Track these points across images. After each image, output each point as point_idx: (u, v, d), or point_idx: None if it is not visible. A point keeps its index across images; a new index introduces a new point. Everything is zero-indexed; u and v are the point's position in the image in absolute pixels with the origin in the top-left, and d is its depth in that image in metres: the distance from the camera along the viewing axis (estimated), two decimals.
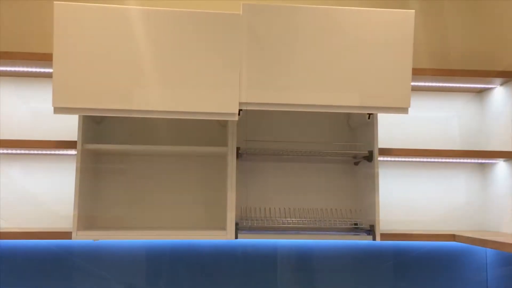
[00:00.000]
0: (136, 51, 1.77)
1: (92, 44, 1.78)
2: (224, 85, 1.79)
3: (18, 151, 2.22)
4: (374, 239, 2.11)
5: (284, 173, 2.39)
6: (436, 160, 2.32)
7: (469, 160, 2.34)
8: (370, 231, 2.13)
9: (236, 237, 2.06)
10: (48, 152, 2.22)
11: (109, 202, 2.29)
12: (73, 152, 2.19)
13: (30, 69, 2.20)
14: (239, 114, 1.87)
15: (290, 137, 2.39)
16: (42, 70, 2.21)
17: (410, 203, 2.46)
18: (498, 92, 2.41)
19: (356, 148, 2.30)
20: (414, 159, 2.31)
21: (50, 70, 2.23)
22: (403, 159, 2.33)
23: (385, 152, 2.18)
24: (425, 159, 2.29)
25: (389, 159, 2.32)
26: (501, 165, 2.36)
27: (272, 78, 1.83)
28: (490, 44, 2.51)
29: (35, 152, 2.23)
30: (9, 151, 2.22)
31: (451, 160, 2.32)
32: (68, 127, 2.34)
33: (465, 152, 2.24)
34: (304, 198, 2.38)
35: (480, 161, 2.37)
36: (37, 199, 2.28)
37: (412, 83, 2.07)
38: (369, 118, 2.18)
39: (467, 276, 2.42)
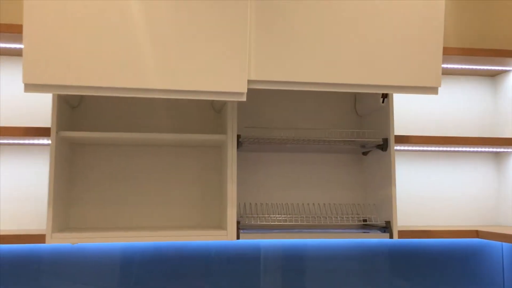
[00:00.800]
0: (126, 17, 1.48)
1: (72, 7, 1.48)
2: (231, 60, 1.52)
3: None
4: (391, 236, 1.89)
5: (286, 164, 2.14)
6: (454, 149, 2.11)
7: (487, 149, 2.15)
8: (386, 228, 1.91)
9: (238, 238, 1.80)
10: (17, 141, 1.91)
11: (90, 199, 2.00)
12: (46, 141, 1.89)
13: None
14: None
15: (292, 125, 2.15)
16: (9, 45, 1.91)
17: (420, 196, 2.25)
18: None
19: (365, 135, 2.07)
20: (433, 148, 2.10)
21: (20, 46, 1.92)
22: (420, 148, 2.11)
23: (402, 139, 1.96)
24: (445, 148, 2.08)
25: (405, 148, 2.10)
26: None
27: (286, 53, 1.57)
28: (507, 25, 2.33)
29: (0, 141, 1.92)
30: None
31: (467, 148, 2.12)
32: (40, 113, 2.03)
33: (494, 139, 2.03)
34: (309, 192, 2.14)
35: (498, 149, 2.17)
36: (3, 197, 1.97)
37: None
38: (383, 102, 1.96)
39: (482, 273, 2.23)
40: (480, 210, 2.28)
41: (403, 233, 1.91)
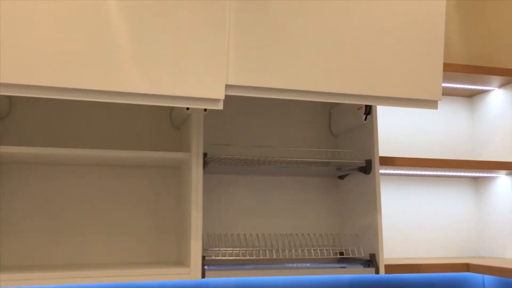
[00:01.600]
0: (97, 16, 1.18)
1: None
2: (208, 63, 1.24)
3: None
4: (377, 272, 1.65)
5: (253, 189, 1.88)
6: (440, 173, 1.93)
7: (471, 174, 1.99)
8: (371, 261, 1.68)
9: (203, 276, 1.50)
10: None
11: (16, 230, 1.63)
12: None
13: None
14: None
15: (260, 144, 1.90)
16: None
17: (393, 224, 2.05)
18: (496, 96, 2.10)
19: (344, 156, 1.85)
20: (417, 172, 1.90)
21: None
22: (401, 172, 1.91)
23: (386, 161, 1.75)
24: (431, 172, 1.89)
25: (386, 171, 1.90)
26: (502, 179, 2.04)
27: (268, 57, 1.32)
28: (488, 43, 2.22)
29: None
30: None
31: (454, 173, 1.95)
32: None
33: (492, 163, 1.87)
34: (280, 220, 1.88)
35: (480, 174, 2.02)
36: None
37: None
38: (365, 119, 1.75)
39: None
40: (461, 240, 2.11)
41: (390, 268, 1.68)
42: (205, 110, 1.59)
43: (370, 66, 1.41)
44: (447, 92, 2.14)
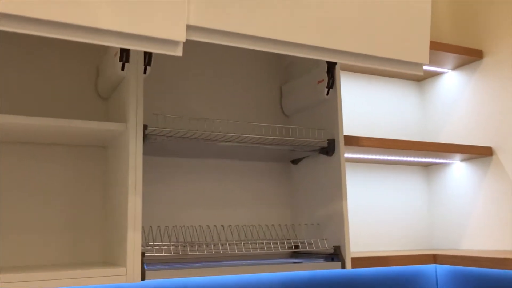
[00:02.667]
0: None
1: None
2: None
3: None
4: (343, 266, 1.44)
5: (195, 174, 1.59)
6: (395, 158, 1.77)
7: (428, 159, 1.86)
8: (336, 255, 1.46)
9: (143, 278, 1.19)
10: None
11: None
12: None
13: None
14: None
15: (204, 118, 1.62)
16: None
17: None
18: (449, 79, 1.99)
19: (302, 135, 1.63)
20: (375, 157, 1.72)
21: None
22: (359, 156, 1.73)
23: (351, 141, 1.55)
24: (391, 157, 1.72)
25: (350, 155, 1.70)
26: (457, 165, 1.93)
27: None
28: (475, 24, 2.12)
29: None
30: None
31: (407, 158, 1.80)
32: None
33: (457, 146, 1.73)
34: (230, 210, 1.61)
35: (436, 160, 1.90)
36: None
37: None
38: (327, 93, 1.54)
39: None
40: (414, 232, 1.97)
41: (356, 262, 1.48)
42: (145, 72, 1.29)
43: (356, 20, 1.19)
44: (396, 74, 2.01)
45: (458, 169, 1.92)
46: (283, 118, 1.76)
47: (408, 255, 1.56)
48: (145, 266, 1.21)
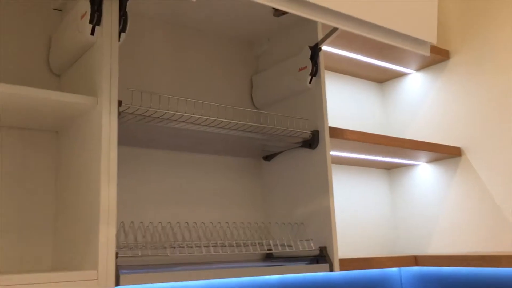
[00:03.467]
0: None
1: None
2: None
3: None
4: (331, 269, 1.31)
5: (166, 167, 1.39)
6: (364, 157, 1.69)
7: (397, 160, 1.80)
8: (322, 256, 1.32)
9: (118, 283, 0.98)
10: None
11: None
12: None
13: None
14: None
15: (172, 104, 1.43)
16: None
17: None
18: (413, 80, 1.97)
19: (264, 130, 1.48)
20: (353, 155, 1.62)
21: None
22: (342, 154, 1.62)
23: (336, 133, 1.43)
24: (364, 156, 1.63)
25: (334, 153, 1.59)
26: (423, 167, 1.89)
27: None
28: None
29: None
30: None
31: (383, 158, 1.73)
32: None
33: (430, 144, 1.68)
34: (199, 207, 1.42)
35: (403, 161, 1.85)
36: None
37: None
38: (310, 81, 1.42)
39: None
40: (378, 237, 1.90)
41: (344, 263, 1.35)
42: (119, 39, 1.09)
43: None
44: (358, 72, 1.95)
45: (423, 171, 1.88)
46: (255, 111, 1.61)
47: (391, 256, 1.47)
48: (120, 271, 0.99)
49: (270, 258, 1.47)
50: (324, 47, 1.59)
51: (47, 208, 1.17)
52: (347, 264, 1.36)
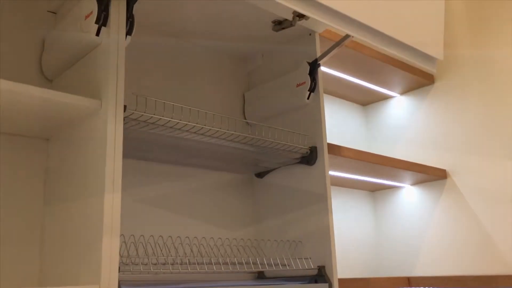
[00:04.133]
0: None
1: None
2: None
3: None
4: None
5: (158, 181, 1.32)
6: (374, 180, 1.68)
7: (377, 181, 1.80)
8: (320, 276, 1.28)
9: None
10: None
11: None
12: None
13: None
14: None
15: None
16: None
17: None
18: (397, 104, 1.99)
19: (269, 145, 1.45)
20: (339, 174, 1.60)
21: None
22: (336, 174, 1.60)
23: (334, 150, 1.41)
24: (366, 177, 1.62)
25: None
26: (407, 190, 1.90)
27: None
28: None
29: None
30: None
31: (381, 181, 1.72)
32: None
33: (420, 166, 1.68)
34: (194, 222, 1.36)
35: (388, 182, 1.85)
36: None
37: None
38: (308, 97, 1.40)
39: None
40: (362, 259, 1.87)
41: (343, 284, 1.31)
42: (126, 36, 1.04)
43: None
44: (343, 93, 1.95)
45: (408, 194, 1.89)
46: (247, 127, 1.58)
47: (386, 277, 1.44)
48: (122, 287, 0.91)
49: (261, 278, 1.42)
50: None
51: (34, 220, 1.08)
52: (346, 284, 1.32)
